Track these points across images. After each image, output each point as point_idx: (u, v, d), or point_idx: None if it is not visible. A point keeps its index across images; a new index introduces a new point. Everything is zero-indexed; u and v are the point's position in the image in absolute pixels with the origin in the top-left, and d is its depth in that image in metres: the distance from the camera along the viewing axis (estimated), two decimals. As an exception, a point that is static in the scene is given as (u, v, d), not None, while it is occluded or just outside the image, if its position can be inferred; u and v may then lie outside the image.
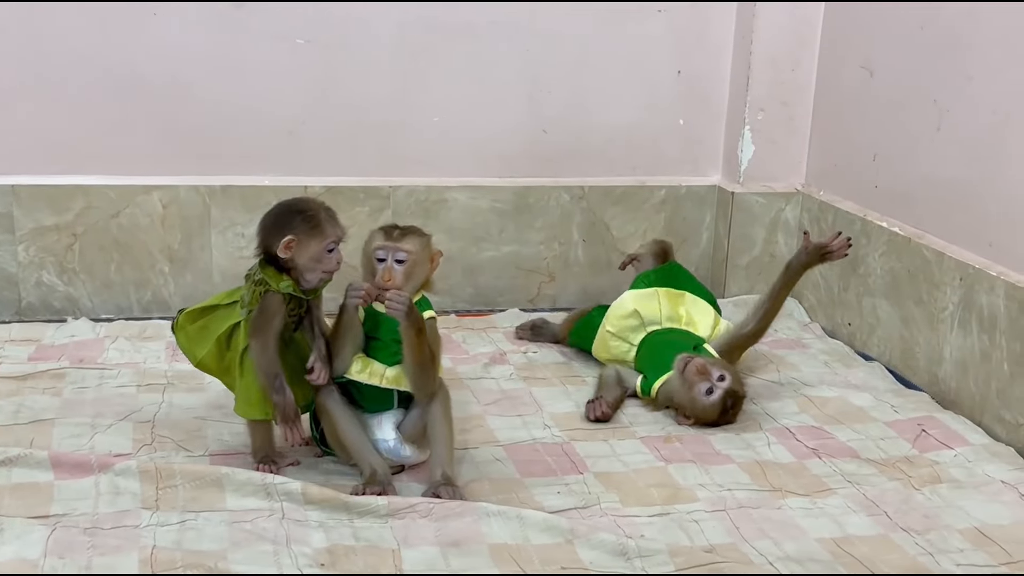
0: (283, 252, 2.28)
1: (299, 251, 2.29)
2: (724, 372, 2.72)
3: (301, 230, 2.28)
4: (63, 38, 3.21)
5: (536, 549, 2.11)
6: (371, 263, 2.36)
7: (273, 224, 2.32)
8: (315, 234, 2.29)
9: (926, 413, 2.81)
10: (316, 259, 2.30)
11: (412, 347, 2.30)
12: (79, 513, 2.17)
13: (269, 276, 2.30)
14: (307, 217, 2.29)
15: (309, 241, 2.29)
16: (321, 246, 2.29)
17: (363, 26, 3.38)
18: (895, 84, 3.19)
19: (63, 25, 3.20)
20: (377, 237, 2.38)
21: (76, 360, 2.96)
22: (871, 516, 2.30)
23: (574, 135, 3.62)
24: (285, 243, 2.27)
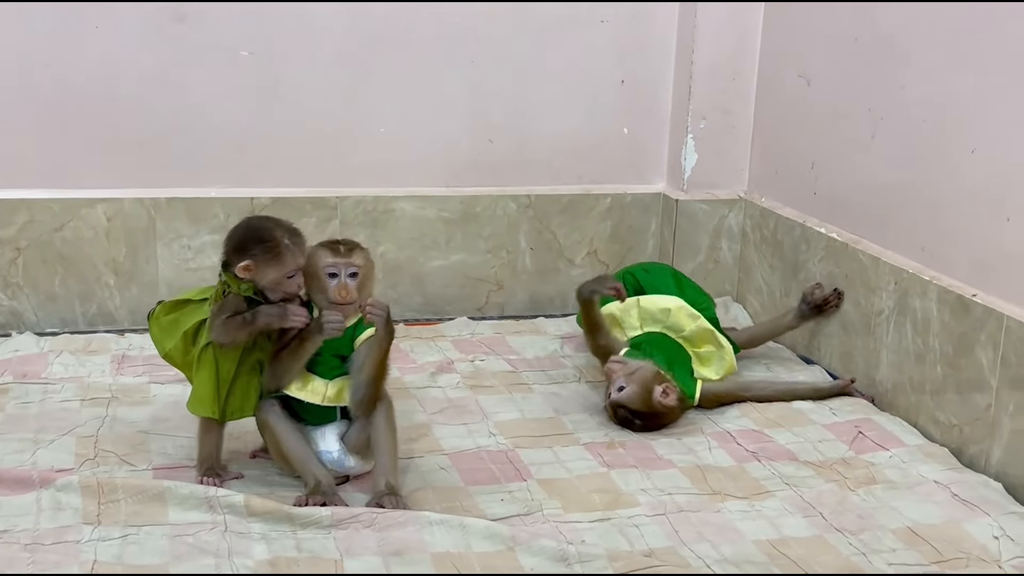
0: (241, 274, 2.30)
1: (257, 275, 2.31)
2: (625, 384, 2.73)
3: (260, 258, 2.29)
4: (5, 52, 3.19)
5: (478, 556, 2.13)
6: (321, 280, 2.36)
7: (235, 247, 2.34)
8: (273, 263, 2.30)
9: (863, 415, 2.86)
10: (275, 283, 2.32)
11: (382, 354, 2.35)
12: (20, 529, 2.16)
13: (230, 280, 2.32)
14: (268, 247, 2.30)
15: (267, 269, 2.30)
16: (280, 274, 2.31)
17: (307, 38, 3.39)
18: (832, 93, 3.25)
19: (4, 39, 3.18)
20: (324, 254, 2.38)
21: (19, 375, 2.94)
22: (807, 517, 2.34)
23: (520, 145, 3.65)
24: (242, 267, 2.30)
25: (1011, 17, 2.56)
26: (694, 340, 3.00)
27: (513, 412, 2.87)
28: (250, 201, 3.42)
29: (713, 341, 3.01)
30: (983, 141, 2.66)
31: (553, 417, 2.85)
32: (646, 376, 2.74)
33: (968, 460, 2.63)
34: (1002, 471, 2.53)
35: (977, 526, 2.31)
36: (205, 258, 3.42)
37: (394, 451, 2.38)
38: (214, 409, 2.36)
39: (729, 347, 3.01)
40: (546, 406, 2.92)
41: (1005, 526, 2.30)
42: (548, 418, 2.84)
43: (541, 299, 3.74)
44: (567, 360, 3.26)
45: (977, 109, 2.68)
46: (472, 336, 3.45)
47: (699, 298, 3.14)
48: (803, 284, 3.33)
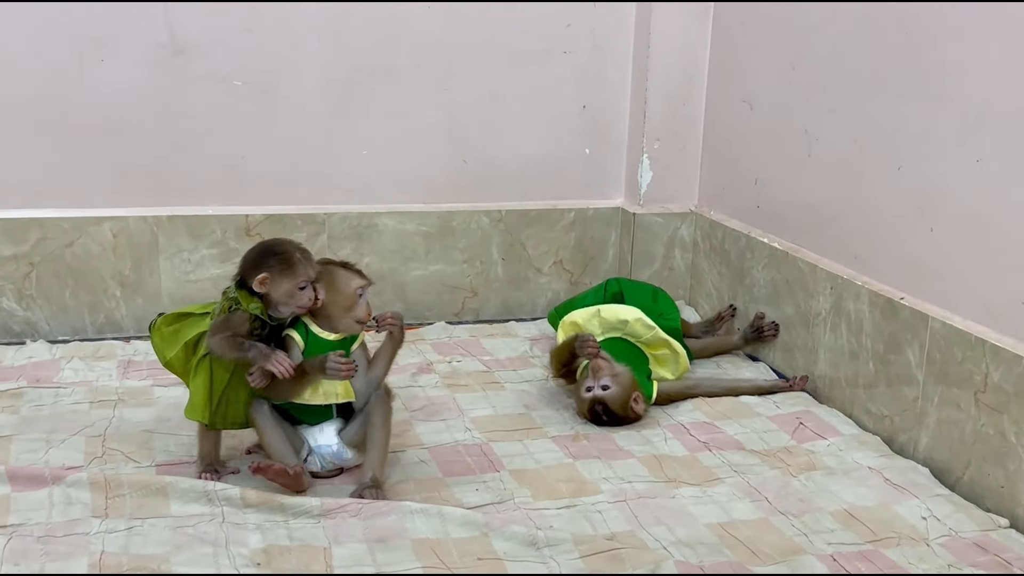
0: (257, 287, 2.27)
1: (272, 287, 2.27)
2: (611, 384, 2.71)
3: (276, 270, 2.27)
4: (19, 83, 3.15)
5: (455, 542, 2.12)
6: (351, 299, 2.36)
7: (252, 262, 2.31)
8: (288, 273, 2.27)
9: (804, 408, 2.86)
10: (289, 295, 2.29)
11: (394, 353, 2.44)
12: (34, 523, 2.13)
13: (241, 296, 2.29)
14: (282, 259, 2.28)
15: (282, 279, 2.27)
16: (292, 284, 2.28)
17: (295, 69, 3.36)
18: (772, 116, 3.26)
19: (18, 71, 3.14)
20: (353, 277, 2.38)
21: (33, 380, 2.90)
22: (753, 502, 2.34)
23: (491, 165, 3.64)
24: (260, 279, 2.27)
25: (930, 45, 2.58)
26: (651, 345, 3.00)
27: (487, 409, 2.85)
28: (245, 218, 3.39)
29: (667, 345, 3.01)
30: (908, 159, 2.68)
31: (523, 413, 2.83)
32: (627, 381, 2.73)
33: (898, 447, 2.64)
34: (929, 457, 2.55)
35: (907, 507, 2.32)
36: (204, 271, 3.39)
37: (385, 448, 2.37)
38: (205, 415, 2.33)
39: (683, 351, 3.01)
40: (517, 403, 2.90)
41: (932, 507, 2.31)
42: (519, 414, 2.83)
43: (512, 305, 3.73)
44: (536, 360, 3.25)
45: (901, 130, 2.69)
46: (449, 339, 3.43)
47: (668, 309, 3.15)
48: (748, 289, 3.34)
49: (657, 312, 3.09)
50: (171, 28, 3.22)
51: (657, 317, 3.05)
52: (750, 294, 3.34)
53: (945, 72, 2.54)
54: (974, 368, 2.40)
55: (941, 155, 2.56)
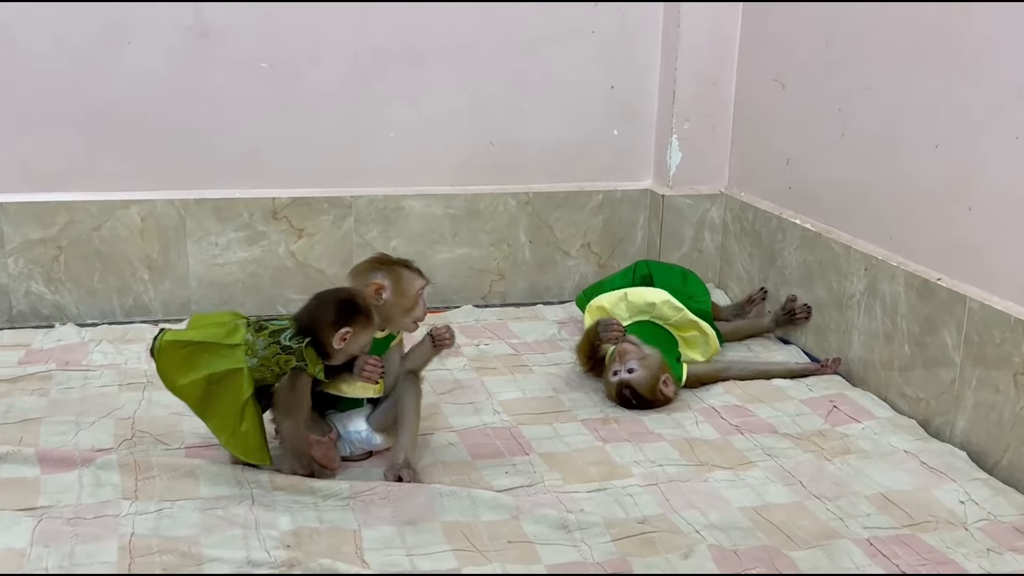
0: (338, 343, 2.20)
1: (351, 343, 2.22)
2: (637, 367, 2.67)
3: (360, 324, 2.21)
4: (45, 67, 3.14)
5: (485, 525, 2.10)
6: (415, 300, 2.38)
7: (334, 319, 2.19)
8: (369, 330, 2.24)
9: (837, 391, 2.82)
10: (363, 348, 2.26)
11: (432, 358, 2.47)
12: (63, 505, 2.13)
13: (310, 358, 2.19)
14: (367, 316, 2.22)
15: (363, 335, 2.23)
16: (369, 337, 2.26)
17: (322, 52, 3.34)
18: (805, 95, 3.20)
19: (45, 55, 3.13)
20: (415, 278, 2.38)
21: (62, 363, 2.90)
22: (787, 486, 2.30)
23: (519, 147, 3.60)
24: (341, 335, 2.19)
25: (966, 21, 2.51)
26: (680, 327, 2.96)
27: (515, 392, 2.83)
28: (272, 201, 3.38)
29: (697, 327, 2.96)
30: (945, 137, 2.62)
31: (552, 396, 2.81)
32: (655, 364, 2.69)
33: (934, 431, 2.59)
34: (966, 440, 2.50)
35: (944, 492, 2.28)
36: (231, 254, 3.38)
37: (415, 431, 2.36)
38: (264, 456, 2.25)
39: (713, 333, 2.97)
40: (545, 386, 2.87)
41: (970, 491, 2.27)
42: (547, 397, 2.80)
43: (539, 288, 3.70)
44: (564, 343, 3.22)
45: (938, 108, 2.63)
46: (477, 322, 3.40)
47: (698, 291, 3.12)
48: (780, 271, 3.29)
49: (687, 294, 3.05)
50: (197, 11, 3.20)
51: (687, 299, 3.01)
52: (781, 276, 3.29)
53: (982, 48, 2.47)
54: (1013, 349, 2.35)
55: (979, 133, 2.50)
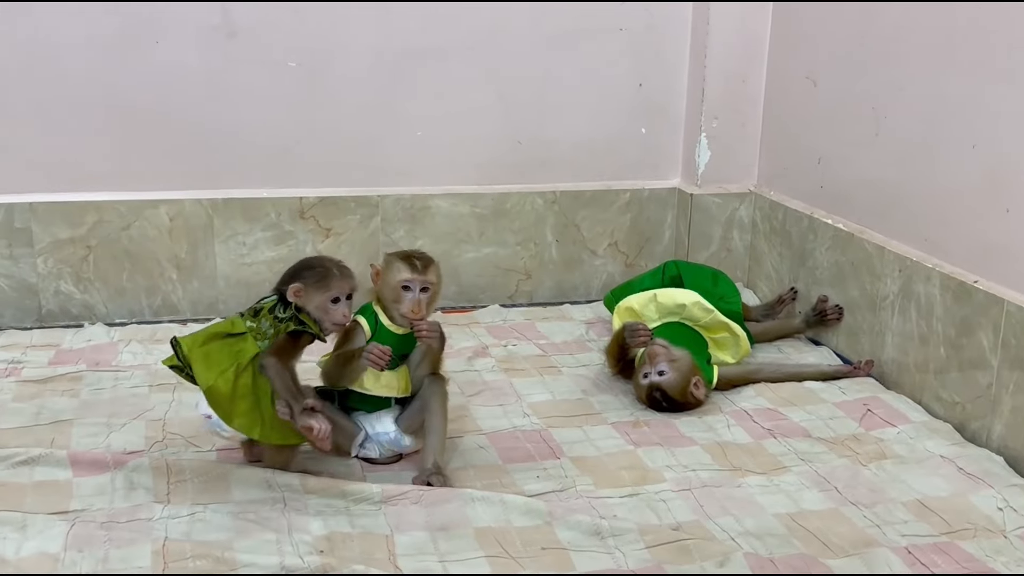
0: (291, 296, 2.21)
1: (306, 299, 2.21)
2: (668, 370, 2.65)
3: (309, 282, 2.22)
4: (75, 67, 3.15)
5: (518, 531, 2.08)
6: (397, 292, 2.31)
7: (288, 274, 2.26)
8: (321, 287, 2.22)
9: (871, 394, 2.79)
10: (321, 308, 2.23)
11: (435, 359, 2.37)
12: (96, 508, 2.13)
13: (306, 319, 2.21)
14: (316, 272, 2.23)
15: (314, 293, 2.21)
16: (324, 297, 2.22)
17: (349, 51, 3.33)
18: (837, 93, 3.16)
19: (74, 55, 3.14)
20: (402, 268, 2.31)
21: (92, 363, 2.91)
22: (823, 491, 2.28)
23: (545, 145, 3.58)
24: (293, 289, 2.21)
25: (1003, 20, 2.47)
26: (710, 328, 2.93)
27: (544, 394, 2.81)
28: (299, 200, 3.38)
29: (727, 328, 2.94)
30: (982, 137, 2.58)
31: (581, 398, 2.79)
32: (686, 366, 2.67)
33: (970, 435, 2.55)
34: (1003, 445, 2.46)
35: (982, 498, 2.24)
36: (259, 254, 3.38)
37: (444, 434, 2.34)
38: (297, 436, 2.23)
39: (744, 334, 2.94)
40: (575, 388, 2.86)
41: (1008, 498, 2.23)
42: (577, 399, 2.78)
43: (566, 287, 3.68)
44: (592, 344, 3.20)
45: (975, 108, 2.59)
46: (504, 322, 3.39)
47: (728, 292, 3.09)
48: (811, 272, 3.25)
49: (717, 295, 3.03)
50: (225, 11, 3.20)
51: (717, 300, 2.99)
52: (812, 276, 3.25)
53: (1019, 46, 2.43)
54: (1053, 354, 2.31)
55: (1016, 133, 2.46)
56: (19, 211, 3.18)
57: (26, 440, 2.43)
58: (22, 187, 3.20)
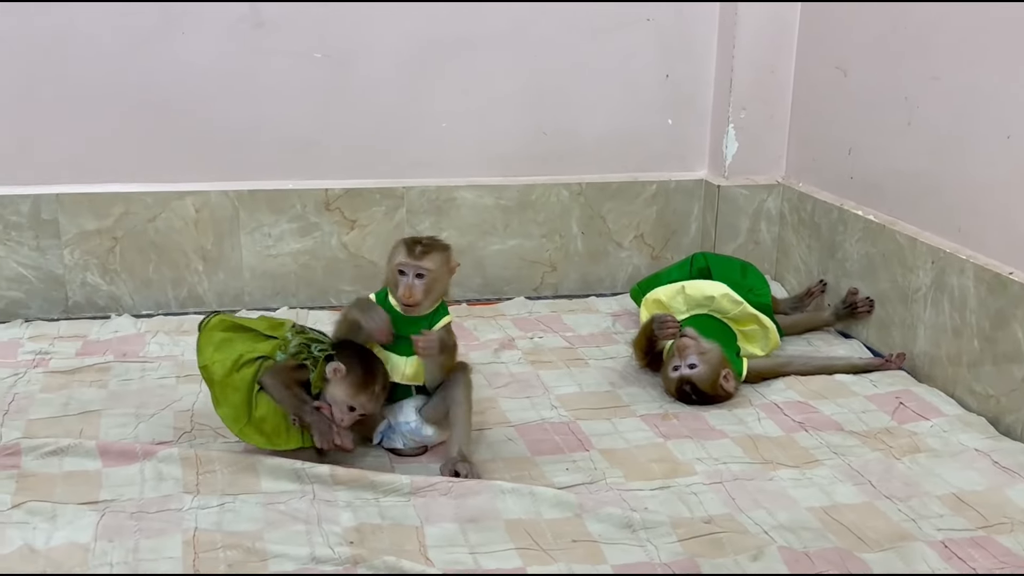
0: (329, 374, 2.22)
1: (335, 382, 2.21)
2: (698, 362, 2.62)
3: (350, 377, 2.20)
4: (101, 58, 3.15)
5: (548, 523, 2.07)
6: (394, 275, 2.28)
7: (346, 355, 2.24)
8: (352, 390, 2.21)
9: (903, 387, 2.75)
10: (335, 401, 2.22)
11: (440, 365, 2.31)
12: (126, 499, 2.13)
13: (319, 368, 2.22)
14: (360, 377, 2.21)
15: (344, 387, 2.21)
16: (346, 399, 2.21)
17: (375, 41, 3.31)
18: (868, 83, 3.12)
19: (100, 46, 3.14)
20: (400, 252, 2.27)
21: (120, 354, 2.91)
22: (856, 485, 2.25)
23: (571, 136, 3.56)
24: (334, 368, 2.21)
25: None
26: (739, 320, 2.91)
27: (572, 386, 2.79)
28: (324, 192, 3.37)
29: (757, 321, 2.91)
30: (1017, 127, 2.54)
31: (609, 391, 2.77)
32: (715, 359, 2.64)
33: (1004, 428, 2.52)
34: (1039, 439, 2.43)
35: (1018, 492, 2.22)
36: (284, 245, 3.38)
37: (468, 423, 2.32)
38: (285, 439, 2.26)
39: (772, 326, 2.91)
40: (602, 380, 2.84)
41: (1045, 492, 2.20)
42: (605, 391, 2.76)
43: (592, 279, 3.66)
44: (619, 336, 3.18)
45: (1009, 98, 2.55)
46: (530, 315, 3.37)
47: (758, 284, 3.06)
48: (840, 264, 3.22)
49: (746, 288, 3.00)
50: (251, 1, 3.19)
51: (746, 293, 2.96)
52: (842, 269, 3.22)
53: (1063, 33, 2.39)
54: (1092, 347, 2.28)
55: (1056, 122, 2.42)
56: (46, 202, 3.19)
57: (55, 431, 2.43)
58: (49, 178, 3.21)
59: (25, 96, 3.14)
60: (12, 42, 3.08)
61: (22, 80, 3.12)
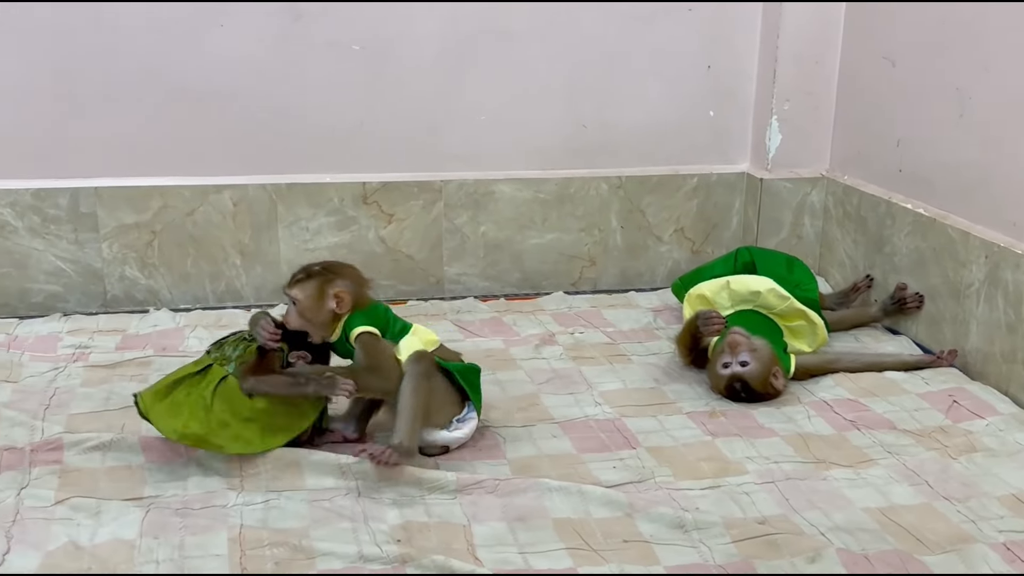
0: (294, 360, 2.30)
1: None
2: (750, 360, 2.57)
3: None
4: (139, 51, 3.14)
5: (597, 523, 2.03)
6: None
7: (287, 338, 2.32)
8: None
9: (956, 385, 2.69)
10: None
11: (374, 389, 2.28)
12: (170, 494, 2.11)
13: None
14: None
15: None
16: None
17: (412, 33, 3.28)
18: (917, 74, 3.05)
19: (138, 39, 3.12)
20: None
21: (159, 348, 2.90)
22: (913, 486, 2.19)
23: (611, 129, 3.51)
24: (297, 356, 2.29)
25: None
26: (785, 316, 2.85)
27: (616, 382, 2.75)
28: (362, 185, 3.34)
29: (804, 316, 2.85)
30: (1078, 117, 2.47)
31: (654, 387, 2.72)
32: (767, 356, 2.59)
33: (1062, 428, 2.46)
34: (1099, 439, 2.36)
35: (1080, 493, 2.15)
36: (322, 239, 3.36)
37: (411, 413, 2.20)
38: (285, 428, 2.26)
39: (820, 322, 2.86)
40: (646, 376, 2.79)
41: (1107, 493, 2.14)
42: (649, 388, 2.72)
43: (631, 274, 3.61)
44: (661, 332, 3.13)
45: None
46: (569, 309, 3.33)
47: (804, 279, 3.00)
48: (888, 259, 3.15)
49: (793, 283, 2.94)
50: (289, -5, 3.17)
51: (793, 288, 2.90)
52: (890, 263, 3.15)
53: None
54: None
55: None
56: (84, 196, 3.18)
57: (97, 425, 2.41)
58: (88, 172, 3.20)
59: (64, 90, 3.13)
60: (50, 36, 3.07)
61: (60, 74, 3.11)
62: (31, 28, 3.06)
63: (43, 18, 3.06)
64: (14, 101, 3.11)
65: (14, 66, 3.08)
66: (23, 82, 3.09)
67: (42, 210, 3.17)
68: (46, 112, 3.14)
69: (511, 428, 2.45)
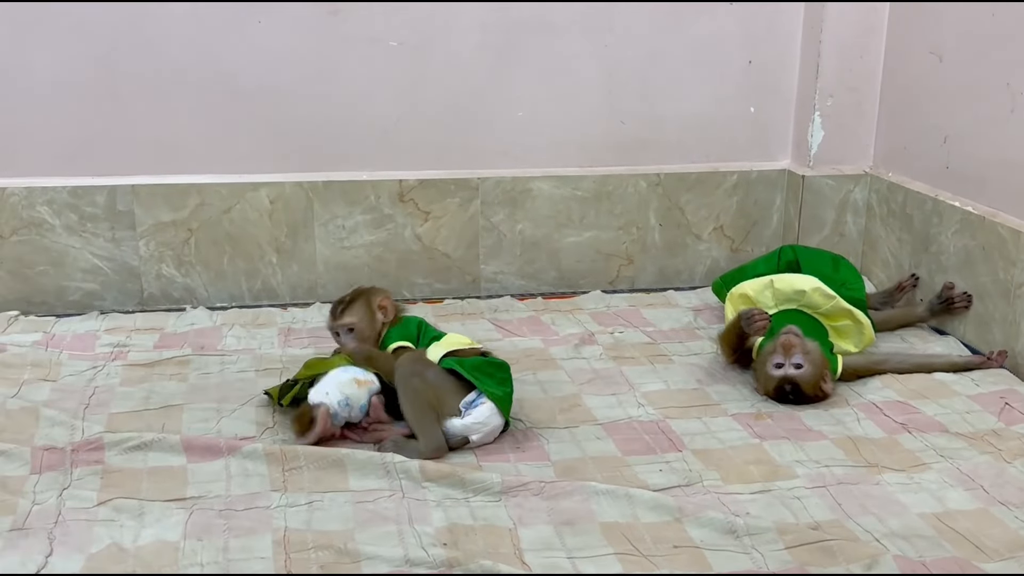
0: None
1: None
2: (804, 363, 2.52)
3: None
4: (176, 49, 3.13)
5: (646, 527, 2.00)
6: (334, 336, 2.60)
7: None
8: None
9: (1007, 386, 2.63)
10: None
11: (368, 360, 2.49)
12: (213, 495, 2.09)
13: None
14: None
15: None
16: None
17: (450, 29, 3.25)
18: (966, 69, 3.00)
19: (175, 36, 3.12)
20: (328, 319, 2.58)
21: (197, 347, 2.89)
22: (968, 490, 2.14)
23: (650, 125, 3.47)
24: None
25: None
26: (831, 316, 2.80)
27: (658, 383, 2.71)
28: (398, 183, 3.32)
29: (850, 316, 2.80)
30: None
31: (697, 388, 2.68)
32: (819, 359, 2.54)
33: (1120, 432, 2.40)
34: None
35: None
36: (358, 237, 3.34)
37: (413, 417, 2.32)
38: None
39: (867, 321, 2.81)
40: (689, 377, 2.75)
41: None
42: (692, 389, 2.68)
43: (669, 273, 3.57)
44: (702, 332, 3.10)
45: None
46: (608, 309, 3.30)
47: (851, 278, 2.94)
48: (935, 257, 3.10)
49: (838, 282, 2.89)
50: (326, -8, 3.16)
51: (839, 287, 2.85)
52: (936, 262, 3.10)
53: None
54: None
55: None
56: (121, 194, 3.18)
57: (137, 425, 2.41)
58: (125, 169, 3.20)
59: (101, 89, 3.13)
60: (87, 34, 3.07)
61: (98, 71, 3.11)
62: (68, 26, 3.06)
63: (80, 17, 3.06)
64: (51, 99, 3.11)
65: (52, 64, 3.08)
66: (61, 81, 3.10)
67: (79, 208, 3.17)
68: (83, 110, 3.14)
69: (554, 429, 2.42)
